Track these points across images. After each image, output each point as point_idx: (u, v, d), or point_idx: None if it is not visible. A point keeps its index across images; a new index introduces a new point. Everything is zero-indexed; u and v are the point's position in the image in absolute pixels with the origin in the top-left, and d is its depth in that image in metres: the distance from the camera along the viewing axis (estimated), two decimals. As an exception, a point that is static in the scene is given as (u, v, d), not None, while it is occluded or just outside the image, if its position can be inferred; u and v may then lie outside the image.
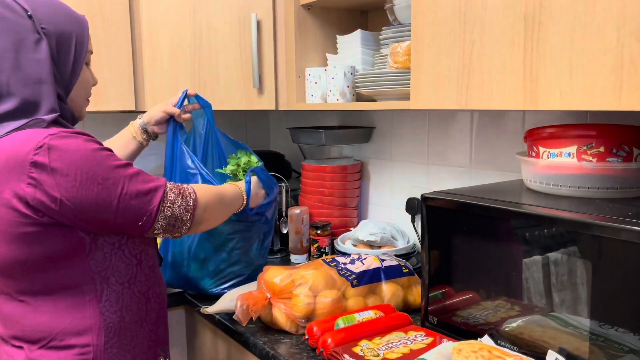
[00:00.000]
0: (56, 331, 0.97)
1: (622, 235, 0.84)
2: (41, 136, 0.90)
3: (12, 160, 0.90)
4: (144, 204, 0.98)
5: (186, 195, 1.06)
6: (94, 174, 0.92)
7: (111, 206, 0.94)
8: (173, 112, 1.45)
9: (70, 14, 1.02)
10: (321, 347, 1.12)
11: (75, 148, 0.91)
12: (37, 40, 0.95)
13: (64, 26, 0.99)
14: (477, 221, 1.07)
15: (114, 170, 0.95)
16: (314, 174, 1.87)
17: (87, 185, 0.92)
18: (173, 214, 1.03)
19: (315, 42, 1.75)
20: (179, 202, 1.04)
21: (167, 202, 1.02)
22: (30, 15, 0.95)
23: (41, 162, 0.89)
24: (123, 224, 0.98)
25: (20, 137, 0.91)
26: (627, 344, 0.85)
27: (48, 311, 0.97)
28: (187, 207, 1.05)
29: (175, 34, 1.70)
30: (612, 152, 1.02)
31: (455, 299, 1.13)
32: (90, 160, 0.92)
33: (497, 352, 0.94)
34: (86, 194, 0.92)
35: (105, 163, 0.94)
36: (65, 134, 0.92)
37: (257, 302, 1.23)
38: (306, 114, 2.20)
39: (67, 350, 0.97)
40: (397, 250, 1.60)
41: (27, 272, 0.95)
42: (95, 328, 0.99)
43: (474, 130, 1.55)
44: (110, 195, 0.94)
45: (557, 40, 0.93)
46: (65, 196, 0.90)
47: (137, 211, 0.98)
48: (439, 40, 1.15)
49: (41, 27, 0.96)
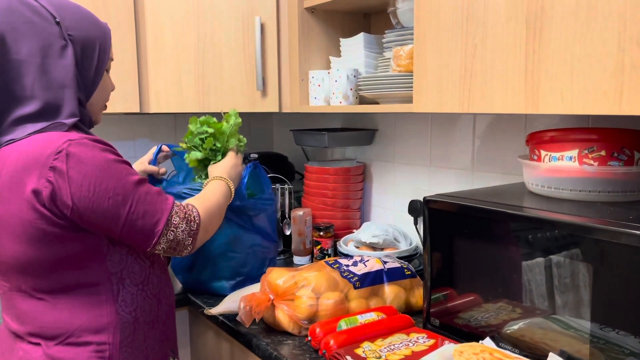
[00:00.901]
0: (73, 328, 0.99)
1: (622, 239, 0.84)
2: (61, 141, 0.93)
3: (32, 161, 0.92)
4: (148, 225, 1.00)
5: (190, 220, 1.06)
6: (107, 187, 0.95)
7: (118, 222, 0.97)
8: (152, 170, 1.48)
9: (95, 22, 1.05)
10: (324, 348, 1.13)
11: (92, 158, 0.94)
12: (63, 46, 0.98)
13: (89, 33, 1.02)
14: (479, 224, 1.07)
15: (126, 186, 0.97)
16: (317, 176, 1.88)
17: (98, 197, 0.94)
18: (176, 238, 1.03)
19: (318, 45, 1.76)
20: (182, 226, 1.04)
21: (171, 225, 1.02)
22: (58, 21, 0.98)
23: (59, 168, 0.92)
24: (126, 239, 1.00)
25: (41, 140, 0.94)
26: (628, 347, 0.85)
27: (66, 308, 1.00)
28: (191, 232, 1.05)
29: (180, 37, 1.71)
30: (613, 156, 1.03)
31: (457, 301, 1.14)
32: (105, 173, 0.95)
33: (498, 354, 0.95)
34: (96, 206, 0.94)
35: (119, 177, 0.96)
36: (84, 141, 0.94)
37: (260, 303, 1.23)
38: (309, 116, 2.21)
39: (84, 347, 1.00)
40: (400, 253, 1.60)
41: (46, 271, 0.98)
42: (111, 327, 1.02)
43: (476, 133, 1.56)
44: (119, 212, 0.96)
45: (559, 44, 0.94)
46: (76, 204, 0.93)
47: (141, 231, 1.00)
48: (441, 43, 1.16)
49: (68, 34, 0.99)
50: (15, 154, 0.94)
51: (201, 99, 1.75)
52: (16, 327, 1.03)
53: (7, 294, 1.04)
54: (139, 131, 2.14)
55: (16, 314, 1.03)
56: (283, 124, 2.40)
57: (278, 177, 1.99)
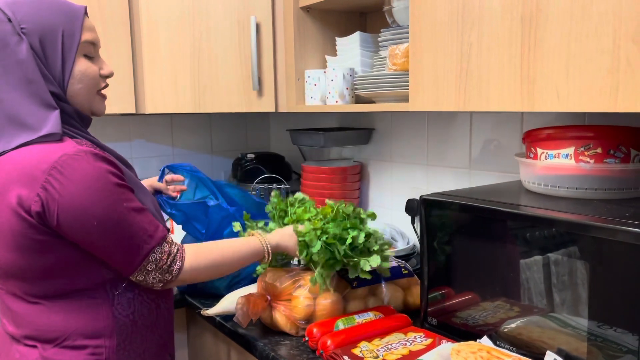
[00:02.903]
0: (69, 331, 0.99)
1: (619, 236, 0.84)
2: (56, 155, 0.91)
3: (25, 175, 0.91)
4: (124, 261, 0.98)
5: (166, 272, 1.02)
6: (93, 214, 0.93)
7: (97, 250, 0.96)
8: (158, 187, 1.43)
9: (56, 9, 0.98)
10: (321, 348, 1.13)
11: (84, 178, 0.92)
12: (17, 42, 0.95)
13: (47, 21, 0.97)
14: (476, 222, 1.07)
15: (113, 216, 0.95)
16: (313, 175, 1.88)
17: (82, 222, 0.93)
18: (145, 280, 1.01)
19: (314, 44, 1.75)
20: (154, 274, 1.01)
21: (144, 270, 0.99)
22: (9, 18, 0.95)
23: (51, 186, 0.90)
24: (109, 261, 0.99)
25: (36, 153, 0.92)
26: (626, 345, 0.85)
27: (62, 312, 0.99)
28: (162, 280, 1.02)
29: (175, 37, 1.71)
30: (609, 154, 1.02)
31: (455, 300, 1.13)
32: (93, 197, 0.93)
33: (496, 352, 0.95)
34: (78, 230, 0.93)
35: (109, 202, 0.94)
36: (80, 156, 0.92)
37: (257, 304, 1.23)
38: (306, 115, 2.20)
39: (80, 350, 0.99)
40: (397, 252, 1.60)
41: (39, 278, 0.97)
42: (108, 330, 1.01)
43: (472, 132, 1.55)
44: (100, 239, 0.95)
45: (554, 42, 0.94)
46: (61, 225, 0.92)
47: (117, 263, 0.98)
48: (437, 42, 1.16)
49: (21, 28, 0.95)
50: (10, 166, 0.93)
51: (197, 99, 1.75)
52: (12, 330, 1.02)
53: (3, 296, 1.03)
54: (135, 132, 2.13)
55: (12, 316, 1.02)
56: (279, 124, 2.40)
57: (275, 177, 1.99)
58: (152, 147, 2.18)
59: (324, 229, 1.20)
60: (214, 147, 2.33)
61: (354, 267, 1.22)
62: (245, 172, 2.07)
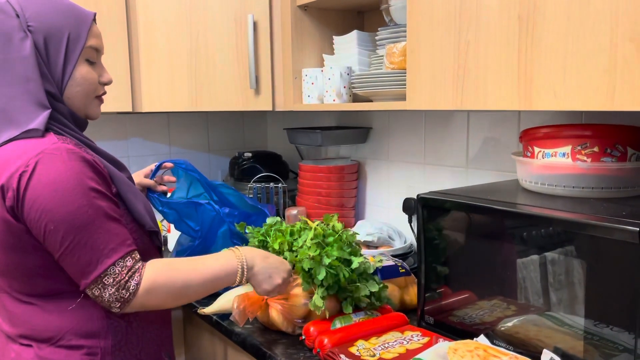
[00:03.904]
0: (64, 331, 0.98)
1: (615, 234, 0.84)
2: (34, 152, 0.91)
3: (4, 171, 0.92)
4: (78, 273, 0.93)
5: (123, 288, 0.94)
6: (51, 218, 0.90)
7: (55, 252, 0.93)
8: (147, 184, 1.38)
9: (65, 10, 0.99)
10: (318, 347, 1.13)
11: (54, 180, 0.90)
12: (22, 38, 0.95)
13: (55, 22, 0.97)
14: (473, 221, 1.07)
15: (78, 218, 0.91)
16: (311, 174, 1.87)
17: (42, 223, 0.91)
18: (101, 296, 0.94)
19: (311, 43, 1.75)
20: (111, 290, 0.93)
21: (100, 283, 0.93)
22: (17, 14, 0.95)
23: (20, 184, 0.90)
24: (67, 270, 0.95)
25: (15, 149, 0.93)
26: (622, 343, 0.85)
27: (56, 312, 0.99)
28: (120, 298, 0.94)
29: (172, 35, 1.70)
30: (606, 152, 1.02)
31: (452, 298, 1.13)
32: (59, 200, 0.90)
33: (492, 351, 0.95)
34: (38, 231, 0.92)
35: (72, 209, 0.91)
36: (56, 154, 0.91)
37: (253, 302, 1.23)
38: (303, 114, 2.20)
39: (76, 350, 0.99)
40: (394, 251, 1.60)
41: (29, 277, 0.97)
42: (102, 331, 1.00)
43: (470, 130, 1.55)
44: (56, 244, 0.92)
45: (552, 40, 0.94)
46: (25, 224, 0.92)
47: (71, 272, 0.95)
48: (434, 40, 1.16)
49: (27, 25, 0.95)
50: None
51: (194, 97, 1.75)
52: (8, 329, 1.02)
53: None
54: (132, 130, 2.13)
55: (8, 315, 1.02)
56: (277, 123, 2.39)
57: (272, 176, 1.99)
58: (149, 146, 2.18)
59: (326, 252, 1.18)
60: (211, 146, 2.32)
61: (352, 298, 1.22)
62: (243, 170, 2.07)
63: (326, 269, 1.17)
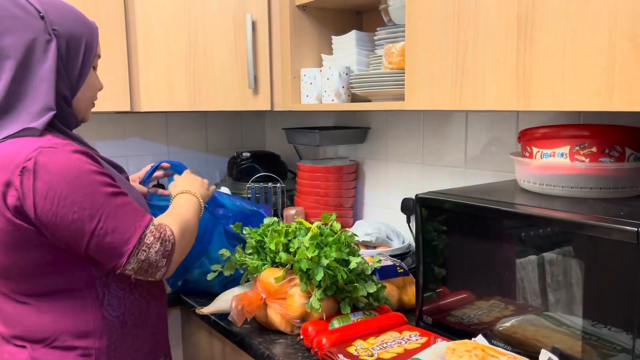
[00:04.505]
0: (58, 332, 0.98)
1: (614, 234, 0.84)
2: (32, 147, 0.90)
3: (2, 169, 0.91)
4: (117, 243, 0.94)
5: (165, 239, 0.98)
6: (72, 201, 0.90)
7: (83, 237, 0.92)
8: (140, 191, 1.39)
9: (81, 19, 1.04)
10: (316, 347, 1.12)
11: (61, 168, 0.90)
12: (47, 40, 0.97)
13: (74, 29, 1.01)
14: (472, 221, 1.07)
15: (95, 200, 0.92)
16: (309, 174, 1.87)
17: (62, 211, 0.90)
18: (147, 259, 0.96)
19: (310, 43, 1.75)
20: (156, 246, 0.97)
21: (144, 245, 0.96)
22: (42, 16, 0.97)
23: (26, 177, 0.89)
24: (95, 254, 0.95)
25: (13, 146, 0.92)
26: (620, 343, 0.86)
27: (50, 312, 0.98)
28: (165, 252, 0.98)
29: (171, 35, 1.70)
30: (604, 153, 1.03)
31: (450, 298, 1.13)
32: (72, 185, 0.90)
33: (490, 351, 0.95)
34: (59, 219, 0.91)
35: (88, 190, 0.92)
36: (56, 148, 0.91)
37: (252, 302, 1.23)
38: (301, 114, 2.20)
39: (70, 351, 0.98)
40: (393, 251, 1.60)
41: (25, 276, 0.96)
42: (97, 331, 1.00)
43: (468, 131, 1.55)
44: (84, 228, 0.92)
45: (550, 40, 0.94)
46: (39, 216, 0.90)
47: (109, 249, 0.94)
48: (432, 41, 1.16)
49: (52, 28, 0.97)
50: None
51: (192, 97, 1.74)
52: (2, 330, 1.02)
53: None
54: (130, 130, 2.12)
55: (2, 316, 1.01)
56: (275, 123, 2.39)
57: (270, 176, 1.99)
58: (147, 145, 2.18)
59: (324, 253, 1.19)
60: (209, 146, 2.32)
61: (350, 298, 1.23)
62: (241, 170, 2.06)
63: (324, 270, 1.17)
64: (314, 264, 1.17)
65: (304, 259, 1.18)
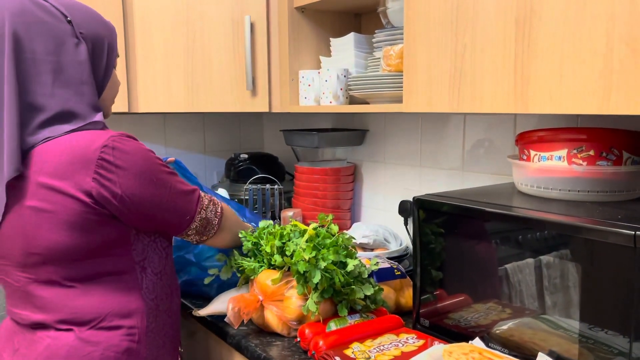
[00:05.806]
0: (105, 313, 1.03)
1: (611, 238, 0.84)
2: (105, 137, 0.98)
3: (78, 157, 0.96)
4: (186, 203, 1.09)
5: (215, 202, 1.17)
6: (150, 174, 1.02)
7: (162, 203, 1.04)
8: None
9: (103, 21, 1.09)
10: (313, 349, 1.12)
11: (134, 150, 1.00)
12: (76, 43, 1.02)
13: (98, 31, 1.06)
14: (469, 224, 1.07)
15: (162, 172, 1.05)
16: (307, 176, 1.87)
17: (144, 184, 1.01)
18: (206, 217, 1.13)
19: (308, 45, 1.75)
20: (210, 207, 1.15)
21: (202, 204, 1.13)
22: (69, 20, 1.01)
23: (108, 160, 0.97)
24: (168, 220, 1.08)
25: (84, 137, 0.98)
26: (617, 347, 0.86)
27: (97, 294, 1.03)
28: (216, 213, 1.16)
29: (169, 36, 1.70)
30: (602, 156, 1.03)
31: (447, 301, 1.13)
32: (146, 162, 1.02)
33: (487, 354, 0.95)
34: (143, 192, 1.01)
35: (156, 165, 1.04)
36: (125, 137, 1.01)
37: (248, 304, 1.22)
38: (299, 116, 2.20)
39: (116, 330, 1.03)
40: (390, 253, 1.60)
41: (80, 259, 1.01)
42: (139, 312, 1.07)
43: (466, 133, 1.56)
44: (162, 194, 1.04)
45: (548, 44, 0.94)
46: (125, 192, 0.99)
47: (181, 209, 1.08)
48: (431, 43, 1.16)
49: (79, 32, 1.02)
50: (59, 149, 0.96)
51: (190, 98, 1.74)
52: (40, 317, 1.03)
53: (26, 286, 1.03)
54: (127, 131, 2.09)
55: (39, 304, 1.03)
56: (273, 124, 2.39)
57: (268, 178, 1.99)
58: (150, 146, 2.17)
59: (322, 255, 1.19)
60: (207, 147, 2.32)
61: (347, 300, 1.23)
62: (239, 172, 2.06)
63: (321, 273, 1.17)
64: (311, 266, 1.17)
65: (301, 261, 1.18)
